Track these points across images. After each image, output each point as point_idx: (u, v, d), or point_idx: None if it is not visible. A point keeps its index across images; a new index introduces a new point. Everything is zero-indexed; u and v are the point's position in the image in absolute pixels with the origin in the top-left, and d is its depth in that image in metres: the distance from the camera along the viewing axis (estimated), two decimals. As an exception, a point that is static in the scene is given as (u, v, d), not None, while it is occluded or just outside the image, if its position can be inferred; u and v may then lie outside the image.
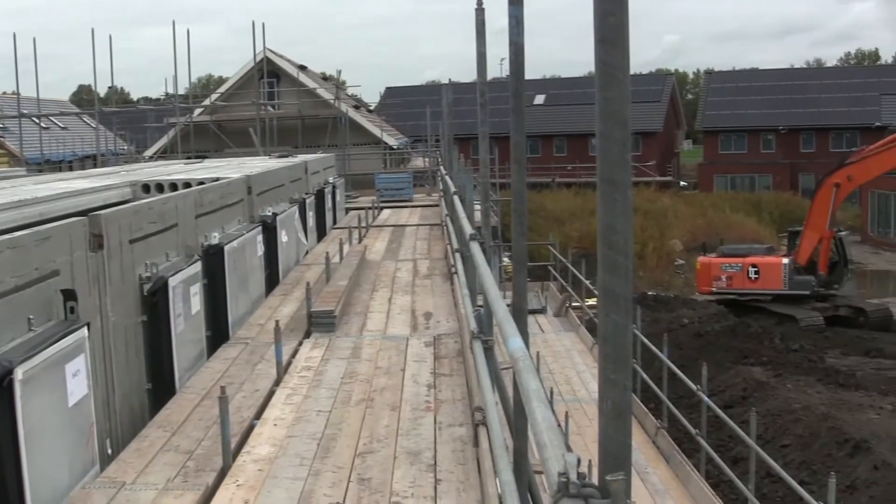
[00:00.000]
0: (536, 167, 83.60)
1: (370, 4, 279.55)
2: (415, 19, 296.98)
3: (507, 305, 6.23)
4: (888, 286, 51.60)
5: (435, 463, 8.58)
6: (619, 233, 2.78)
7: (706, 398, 16.54)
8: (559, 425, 15.76)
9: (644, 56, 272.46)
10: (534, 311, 27.45)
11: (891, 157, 38.18)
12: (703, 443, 16.69)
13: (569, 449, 3.18)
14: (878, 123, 77.78)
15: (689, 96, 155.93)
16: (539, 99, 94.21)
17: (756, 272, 37.03)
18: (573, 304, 28.82)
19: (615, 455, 2.94)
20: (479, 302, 10.42)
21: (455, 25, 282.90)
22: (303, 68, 55.52)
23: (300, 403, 10.61)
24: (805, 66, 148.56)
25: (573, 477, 2.87)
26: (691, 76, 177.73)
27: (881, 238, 64.08)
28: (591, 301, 31.64)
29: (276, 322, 12.33)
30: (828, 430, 20.55)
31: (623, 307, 2.87)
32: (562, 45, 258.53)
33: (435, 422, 9.79)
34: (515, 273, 7.08)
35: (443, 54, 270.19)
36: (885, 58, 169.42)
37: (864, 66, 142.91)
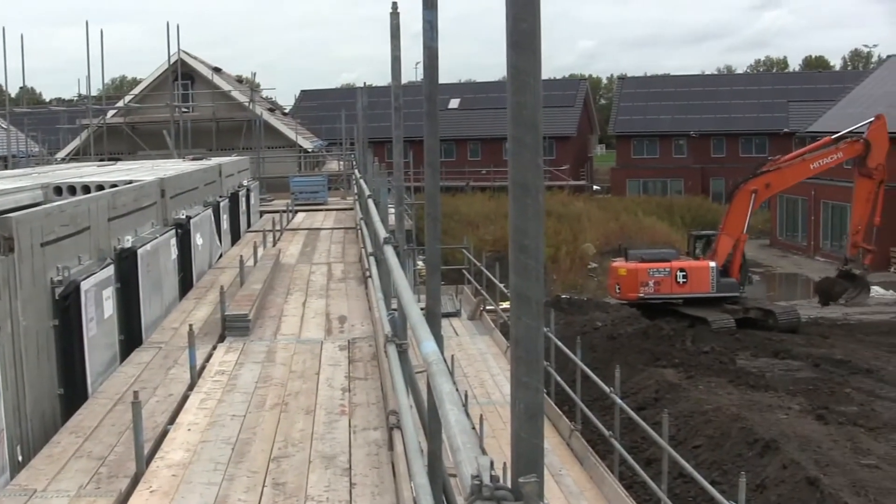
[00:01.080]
0: (451, 171, 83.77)
1: (287, 7, 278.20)
2: (331, 22, 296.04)
3: (422, 309, 6.25)
4: (796, 289, 52.47)
5: (350, 467, 8.58)
6: (530, 237, 2.80)
7: (619, 400, 16.68)
8: (473, 428, 15.80)
9: (559, 61, 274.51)
10: (448, 315, 27.48)
11: (803, 168, 39.25)
12: (617, 444, 16.83)
13: (483, 452, 3.20)
14: (785, 129, 79.02)
15: (603, 101, 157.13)
16: (454, 103, 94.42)
17: (684, 276, 37.41)
18: (487, 307, 28.91)
19: (528, 457, 2.96)
20: (394, 305, 10.43)
21: (372, 29, 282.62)
22: (217, 70, 55.13)
23: (214, 408, 10.55)
24: (716, 72, 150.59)
25: (486, 479, 2.89)
26: (605, 81, 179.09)
27: (789, 242, 65.14)
28: (505, 304, 31.75)
29: (190, 326, 12.26)
30: (738, 431, 20.83)
31: (535, 310, 2.89)
32: (478, 50, 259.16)
33: (350, 425, 9.79)
34: (429, 277, 7.10)
35: (359, 57, 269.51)
36: (794, 65, 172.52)
37: (773, 73, 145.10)
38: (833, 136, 40.68)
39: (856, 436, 21.67)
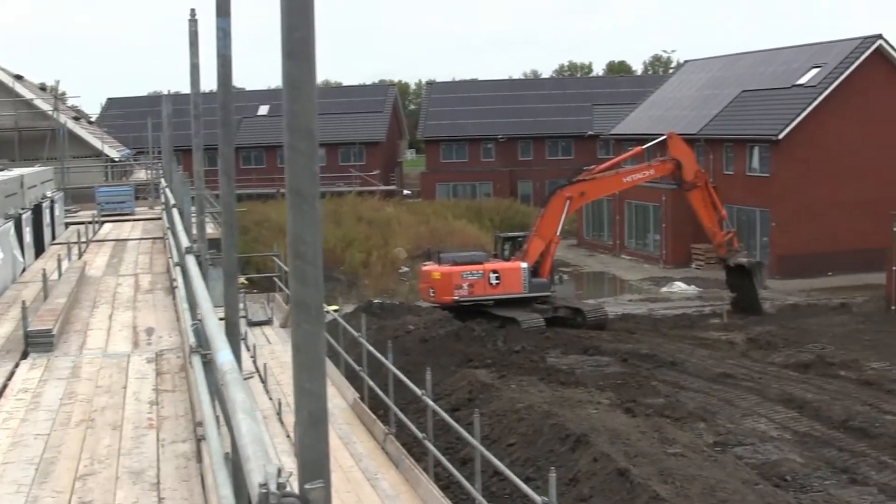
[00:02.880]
0: (262, 178, 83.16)
1: (94, 12, 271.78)
2: (139, 28, 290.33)
3: (221, 318, 6.20)
4: (603, 287, 53.70)
5: (158, 481, 8.47)
6: (308, 243, 2.80)
7: (431, 402, 16.78)
8: (289, 436, 15.73)
9: (368, 67, 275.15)
10: (260, 323, 27.26)
11: (617, 181, 40.81)
12: (431, 446, 16.92)
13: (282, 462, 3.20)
14: (590, 132, 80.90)
15: (412, 107, 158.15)
16: (263, 109, 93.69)
17: (497, 278, 37.84)
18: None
19: (313, 463, 2.96)
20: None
21: (181, 36, 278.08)
22: (19, 78, 53.44)
23: (17, 428, 10.28)
24: (523, 77, 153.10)
25: (273, 487, 2.88)
26: (413, 87, 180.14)
27: (596, 241, 66.66)
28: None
29: (-12, 344, 11.90)
30: (550, 427, 21.19)
31: (315, 316, 2.90)
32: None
33: (158, 439, 9.66)
34: (226, 285, 7.04)
35: (167, 64, 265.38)
36: (597, 70, 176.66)
37: (577, 77, 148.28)
38: (643, 147, 42.36)
39: (662, 426, 22.32)
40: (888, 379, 29.75)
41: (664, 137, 42.69)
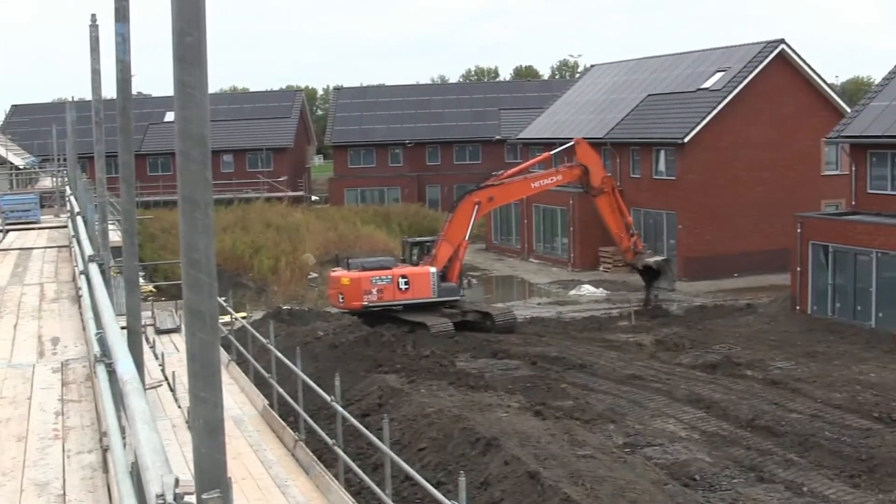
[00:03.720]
0: (169, 185, 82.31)
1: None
2: (44, 34, 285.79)
3: (123, 327, 6.13)
4: (512, 290, 53.95)
5: (64, 493, 8.36)
6: (200, 251, 2.77)
7: (341, 408, 16.74)
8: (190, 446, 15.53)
9: (277, 72, 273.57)
10: (169, 331, 27.00)
11: (525, 186, 40.98)
12: (341, 452, 16.87)
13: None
14: (497, 137, 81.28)
15: (320, 112, 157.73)
16: (169, 116, 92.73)
17: (406, 283, 37.82)
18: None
19: (210, 472, 2.93)
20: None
21: (85, 42, 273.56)
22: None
23: (-85, 441, 10.07)
24: (431, 82, 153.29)
25: (169, 498, 2.85)
26: (321, 92, 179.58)
27: (504, 245, 66.95)
28: (226, 318, 31.44)
29: None
30: (461, 431, 21.24)
31: (209, 325, 2.87)
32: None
33: (63, 450, 9.53)
34: (128, 294, 6.97)
35: (73, 71, 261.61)
36: (504, 75, 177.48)
37: (485, 82, 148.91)
38: (551, 153, 42.73)
39: (572, 429, 22.49)
40: (793, 378, 30.28)
41: (572, 143, 43.08)
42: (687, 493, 19.35)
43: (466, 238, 39.74)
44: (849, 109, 50.71)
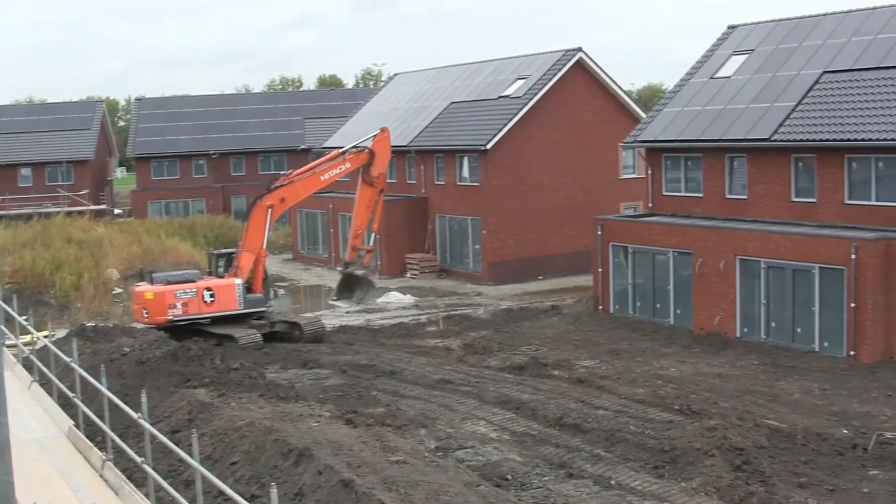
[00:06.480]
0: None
1: None
2: None
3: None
4: (320, 300, 53.83)
5: None
6: None
7: (147, 425, 16.50)
8: None
9: (86, 82, 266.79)
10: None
11: (315, 181, 40.61)
12: (151, 471, 16.63)
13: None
14: (302, 146, 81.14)
15: (122, 123, 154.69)
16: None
17: (212, 295, 37.33)
18: (7, 342, 27.69)
19: None
20: None
21: None
22: None
23: None
24: (235, 92, 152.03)
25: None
26: (123, 103, 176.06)
27: (311, 255, 66.81)
28: (27, 338, 30.61)
29: None
30: (272, 443, 21.09)
31: None
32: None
33: None
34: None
35: None
36: (309, 84, 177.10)
37: (289, 91, 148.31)
38: (340, 150, 42.49)
39: (384, 435, 22.59)
40: (598, 376, 31.12)
41: (373, 135, 42.73)
42: (499, 493, 19.65)
43: (265, 245, 39.32)
44: (644, 115, 52.38)
